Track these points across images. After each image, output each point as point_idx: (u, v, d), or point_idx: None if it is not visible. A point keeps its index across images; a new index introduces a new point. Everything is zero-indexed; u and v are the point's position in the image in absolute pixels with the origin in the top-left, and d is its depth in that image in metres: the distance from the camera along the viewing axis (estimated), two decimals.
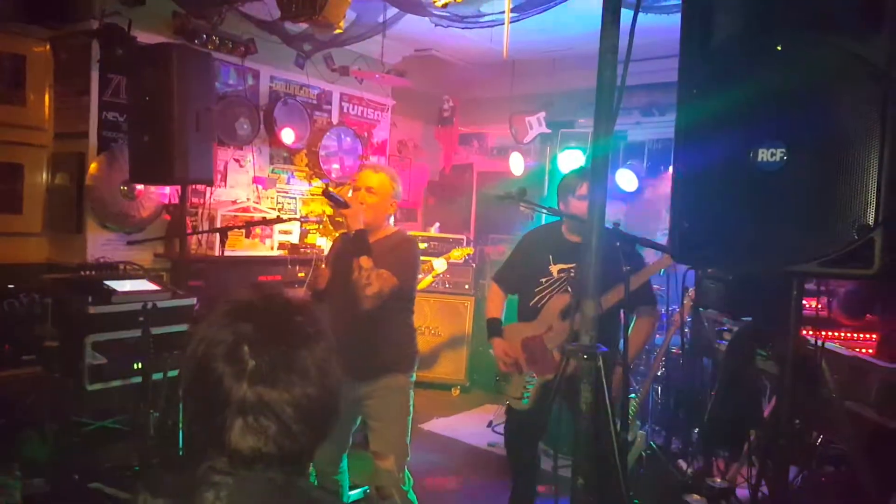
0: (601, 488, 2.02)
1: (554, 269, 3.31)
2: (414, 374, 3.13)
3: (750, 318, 3.54)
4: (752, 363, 3.33)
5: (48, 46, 4.75)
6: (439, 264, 4.99)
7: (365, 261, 2.76)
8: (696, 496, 2.05)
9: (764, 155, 1.60)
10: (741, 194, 1.66)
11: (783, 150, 1.57)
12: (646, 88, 6.49)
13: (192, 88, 4.06)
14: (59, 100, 4.78)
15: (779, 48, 1.59)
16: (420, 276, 5.04)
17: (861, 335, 3.68)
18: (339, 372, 1.17)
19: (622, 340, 2.70)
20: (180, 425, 3.24)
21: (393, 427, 3.02)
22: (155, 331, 3.37)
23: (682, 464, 3.59)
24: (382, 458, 2.98)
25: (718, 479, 2.14)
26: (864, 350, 3.33)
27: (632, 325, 3.27)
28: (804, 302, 3.45)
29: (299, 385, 1.09)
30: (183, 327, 3.59)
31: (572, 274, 3.26)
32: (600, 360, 1.78)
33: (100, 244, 4.67)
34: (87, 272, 3.93)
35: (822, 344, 2.48)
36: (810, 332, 2.61)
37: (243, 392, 1.06)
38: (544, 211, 3.31)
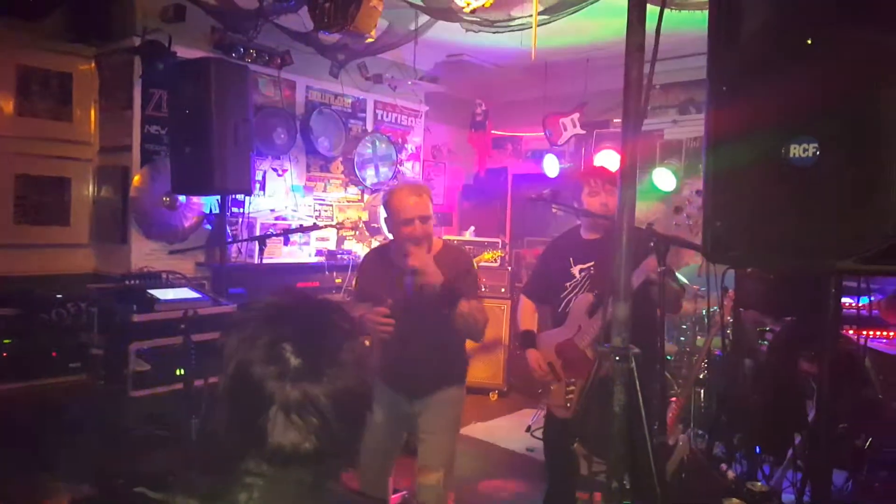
0: (637, 492, 2.00)
1: (575, 270, 3.30)
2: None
3: (792, 318, 3.47)
4: (796, 364, 3.26)
5: (93, 64, 4.90)
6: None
7: (465, 305, 2.73)
8: (735, 500, 2.01)
9: (796, 150, 1.56)
10: (773, 191, 1.62)
11: (815, 145, 1.53)
12: (682, 86, 6.41)
13: (230, 100, 4.15)
14: (104, 115, 4.94)
15: (809, 42, 1.55)
16: None
17: None
18: (373, 365, 1.19)
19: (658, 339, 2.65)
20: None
21: (444, 439, 2.98)
22: (196, 338, 3.44)
23: (725, 468, 3.51)
24: (429, 473, 2.93)
25: (759, 484, 2.09)
26: None
27: None
28: (848, 300, 3.38)
29: (341, 378, 1.11)
30: None
31: (592, 272, 3.24)
32: (633, 361, 1.76)
33: (144, 254, 4.79)
34: (131, 281, 4.04)
35: (867, 342, 2.41)
36: (854, 332, 2.54)
37: (287, 390, 1.07)
38: (577, 213, 3.29)
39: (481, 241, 6.78)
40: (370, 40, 4.57)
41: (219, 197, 4.58)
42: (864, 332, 2.33)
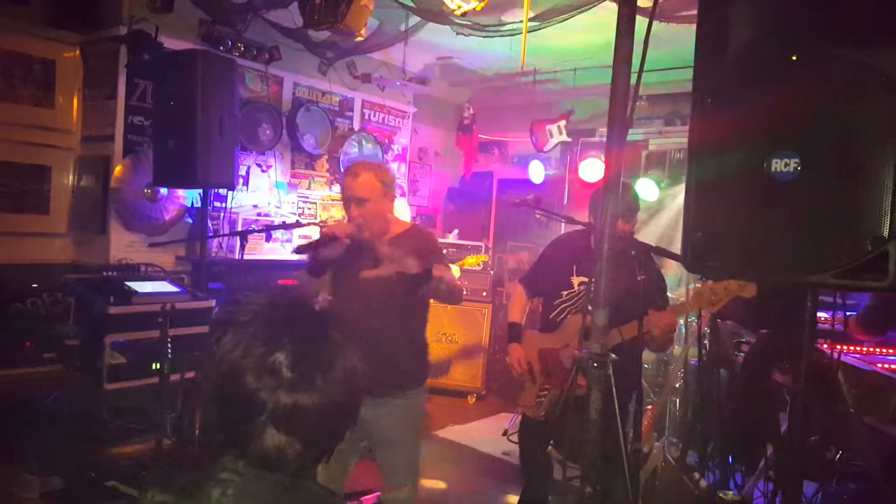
0: (610, 497, 2.02)
1: (575, 280, 3.24)
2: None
3: (768, 330, 3.51)
4: (770, 376, 3.30)
5: (78, 52, 4.85)
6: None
7: (439, 268, 2.49)
8: None
9: (778, 165, 1.59)
10: (755, 204, 1.64)
11: (797, 160, 1.56)
12: (669, 98, 6.46)
13: (216, 94, 4.13)
14: (87, 103, 4.88)
15: (794, 58, 1.58)
16: None
17: (882, 349, 3.62)
18: (364, 375, 1.18)
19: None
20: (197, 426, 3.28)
21: (410, 451, 2.83)
22: (174, 332, 3.41)
23: (698, 477, 3.55)
24: (399, 489, 2.80)
25: (731, 493, 2.11)
26: (884, 365, 3.27)
27: None
28: (823, 315, 3.42)
29: (332, 393, 1.11)
30: (202, 329, 3.63)
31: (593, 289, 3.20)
32: (610, 367, 1.77)
33: (123, 246, 4.75)
34: (109, 273, 4.00)
35: (840, 357, 2.45)
36: (827, 346, 2.58)
37: (278, 399, 1.07)
38: (559, 219, 3.30)
39: (465, 245, 6.79)
40: (360, 39, 4.57)
41: (201, 191, 4.55)
42: (838, 347, 2.36)
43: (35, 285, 4.02)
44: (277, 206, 5.74)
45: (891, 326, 3.38)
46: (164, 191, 4.80)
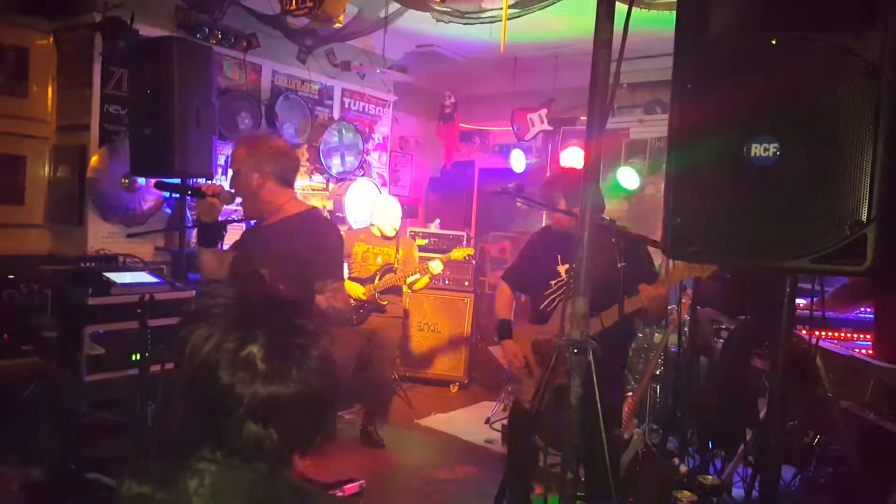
0: (591, 483, 2.03)
1: (562, 269, 3.26)
2: None
3: (747, 317, 3.55)
4: (749, 362, 3.33)
5: (51, 39, 4.75)
6: (435, 265, 4.97)
7: (320, 298, 2.38)
8: (686, 493, 2.05)
9: (757, 150, 1.59)
10: (734, 190, 1.65)
11: (776, 145, 1.57)
12: (649, 86, 6.49)
13: (193, 82, 4.07)
14: (62, 92, 4.79)
15: (773, 43, 1.58)
16: (416, 277, 5.05)
17: (859, 335, 3.68)
18: (337, 364, 1.18)
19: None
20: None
21: None
22: (154, 323, 3.37)
23: (678, 462, 3.59)
24: None
25: (711, 478, 2.13)
26: (862, 350, 3.32)
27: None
28: (802, 301, 3.45)
29: (308, 382, 1.09)
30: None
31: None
32: (590, 354, 1.78)
33: (101, 236, 4.68)
34: (87, 264, 3.94)
35: (818, 342, 2.47)
36: (805, 331, 2.61)
37: (254, 393, 1.06)
38: (541, 207, 3.30)
39: (446, 234, 6.79)
40: (338, 26, 4.52)
41: (179, 180, 4.49)
42: (816, 333, 2.39)
43: (11, 277, 3.94)
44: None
45: (862, 302, 3.41)
46: (141, 181, 4.74)
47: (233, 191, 2.65)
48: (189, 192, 2.67)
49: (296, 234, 2.54)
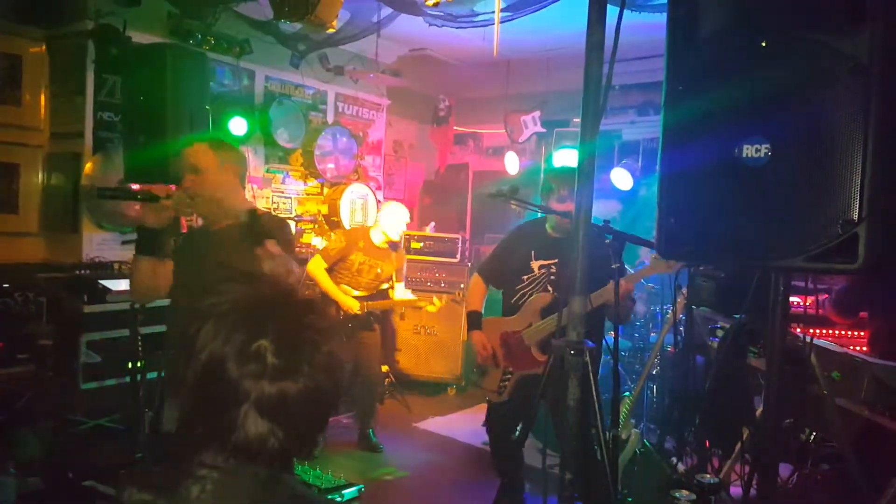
0: (589, 484, 2.03)
1: (535, 264, 3.36)
2: None
3: (742, 316, 3.56)
4: (744, 361, 3.34)
5: (44, 47, 4.75)
6: (434, 304, 5.16)
7: (272, 245, 2.24)
8: (684, 492, 2.06)
9: (749, 151, 1.61)
10: (726, 190, 1.66)
11: (767, 145, 1.58)
12: (641, 87, 6.51)
13: (187, 88, 4.05)
14: (55, 100, 4.79)
15: (763, 44, 1.59)
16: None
17: (853, 332, 3.69)
18: (343, 364, 1.19)
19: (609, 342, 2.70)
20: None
21: None
22: (149, 330, 3.37)
23: (676, 461, 3.60)
24: None
25: (709, 476, 2.14)
26: (856, 347, 3.34)
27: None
28: (796, 299, 3.47)
29: (316, 379, 1.10)
30: None
31: (553, 270, 3.30)
32: (587, 355, 1.79)
33: (95, 244, 4.67)
34: (82, 271, 3.94)
35: (812, 340, 2.48)
36: (801, 329, 2.62)
37: (261, 389, 1.06)
38: (535, 209, 3.33)
39: (441, 237, 6.79)
40: (331, 31, 4.53)
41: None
42: (811, 331, 2.40)
43: (6, 285, 3.94)
44: (251, 201, 5.68)
45: (863, 308, 3.44)
46: (136, 187, 4.73)
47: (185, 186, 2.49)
48: (139, 198, 2.48)
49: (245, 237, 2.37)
